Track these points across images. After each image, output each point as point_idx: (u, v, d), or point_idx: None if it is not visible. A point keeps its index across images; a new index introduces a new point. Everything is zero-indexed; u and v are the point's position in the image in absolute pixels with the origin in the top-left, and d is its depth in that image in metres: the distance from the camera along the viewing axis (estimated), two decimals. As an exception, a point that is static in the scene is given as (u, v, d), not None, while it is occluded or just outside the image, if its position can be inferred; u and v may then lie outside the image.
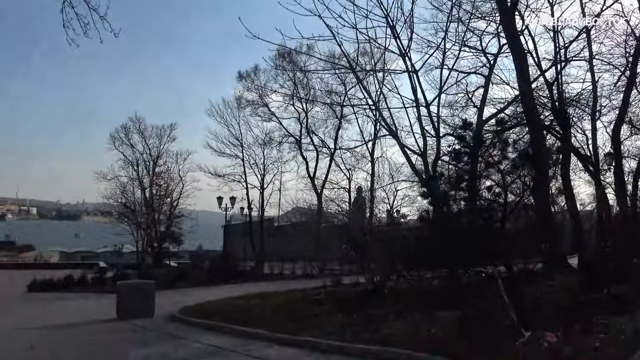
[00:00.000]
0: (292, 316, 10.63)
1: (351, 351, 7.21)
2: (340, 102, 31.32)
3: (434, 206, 8.70)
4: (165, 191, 40.69)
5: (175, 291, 20.33)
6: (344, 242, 20.66)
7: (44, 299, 20.81)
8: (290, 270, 25.80)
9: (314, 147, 37.05)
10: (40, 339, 10.25)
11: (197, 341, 9.10)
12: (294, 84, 35.33)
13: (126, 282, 15.41)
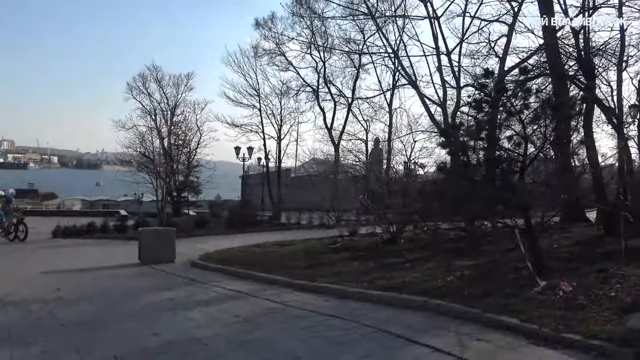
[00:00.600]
0: (310, 263, 10.85)
1: (367, 297, 7.36)
2: (359, 51, 30.77)
3: (452, 156, 8.63)
4: (183, 141, 40.81)
5: (194, 239, 20.77)
6: (361, 193, 20.77)
7: (67, 244, 21.43)
8: (307, 220, 26.06)
9: (331, 98, 36.63)
10: (65, 282, 10.62)
11: (217, 286, 9.35)
12: (312, 32, 34.59)
13: (148, 228, 15.75)
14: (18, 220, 23.67)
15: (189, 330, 6.01)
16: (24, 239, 23.04)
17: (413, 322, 5.97)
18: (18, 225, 23.36)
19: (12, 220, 23.64)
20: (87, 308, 7.69)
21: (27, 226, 23.94)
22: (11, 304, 8.15)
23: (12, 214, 24.22)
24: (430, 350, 4.88)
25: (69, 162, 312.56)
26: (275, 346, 5.25)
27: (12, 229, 23.39)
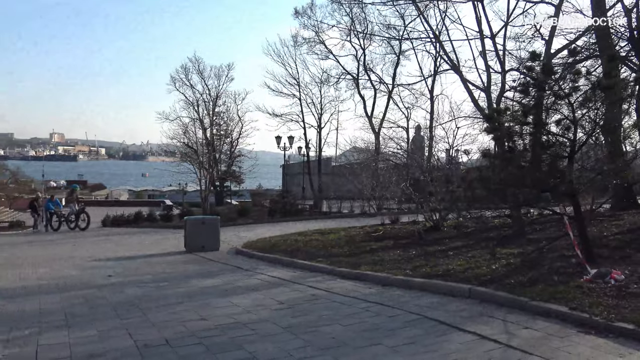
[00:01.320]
0: (352, 251, 10.88)
1: (411, 284, 7.33)
2: (399, 37, 30.40)
3: (497, 142, 8.45)
4: (225, 131, 41.46)
5: (237, 227, 21.13)
6: (403, 181, 20.59)
7: (116, 233, 22.17)
8: (348, 208, 26.08)
9: (371, 85, 36.42)
10: (116, 268, 11.02)
11: (261, 273, 9.50)
12: (351, 20, 34.37)
13: (193, 217, 16.10)
14: (79, 209, 24.52)
15: (235, 315, 6.13)
16: (85, 228, 23.88)
17: (458, 309, 5.92)
18: (79, 215, 24.20)
19: (75, 209, 24.51)
20: (138, 293, 7.94)
21: (88, 215, 24.79)
22: (66, 289, 8.53)
23: (75, 203, 25.13)
24: (476, 338, 4.84)
25: (116, 154, 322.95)
26: (320, 331, 5.30)
27: (73, 218, 24.31)
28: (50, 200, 25.94)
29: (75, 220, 24.27)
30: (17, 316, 6.64)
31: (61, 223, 24.51)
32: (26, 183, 67.66)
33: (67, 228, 24.25)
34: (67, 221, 24.45)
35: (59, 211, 25.08)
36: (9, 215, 38.54)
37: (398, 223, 15.38)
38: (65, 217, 24.62)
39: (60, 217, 24.68)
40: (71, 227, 24.28)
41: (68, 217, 24.52)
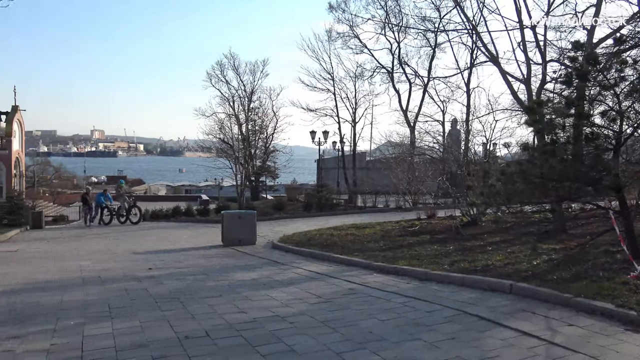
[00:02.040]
0: (388, 246, 10.83)
1: (450, 279, 7.25)
2: (435, 29, 30.02)
3: (538, 135, 8.25)
4: (260, 126, 41.88)
5: (273, 222, 21.30)
6: (439, 175, 20.36)
7: (155, 227, 22.66)
8: (384, 203, 25.97)
9: (406, 79, 36.19)
10: (155, 261, 11.25)
11: (297, 267, 9.55)
12: (386, 13, 34.25)
13: (230, 211, 16.29)
14: (131, 204, 24.88)
15: (273, 309, 6.18)
16: (137, 222, 24.27)
17: (498, 305, 5.82)
18: (131, 209, 24.61)
19: (125, 204, 24.87)
20: (177, 285, 8.09)
21: (140, 210, 25.12)
22: (109, 281, 8.75)
23: (125, 197, 25.40)
24: (518, 334, 4.74)
25: (154, 150, 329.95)
26: (358, 325, 5.29)
27: (124, 212, 24.71)
28: (102, 194, 26.28)
29: (126, 214, 24.64)
30: (63, 307, 6.84)
31: (112, 217, 24.90)
32: (69, 179, 69.79)
33: (118, 222, 24.62)
34: (118, 215, 24.84)
35: (110, 205, 25.49)
36: (53, 209, 39.82)
37: (434, 218, 15.23)
38: (116, 211, 25.03)
39: (112, 211, 25.10)
40: (121, 221, 24.63)
41: (119, 212, 24.89)
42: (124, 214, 24.72)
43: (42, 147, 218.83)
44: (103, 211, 25.15)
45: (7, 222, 26.14)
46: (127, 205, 24.84)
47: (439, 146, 26.87)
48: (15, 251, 14.79)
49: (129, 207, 24.78)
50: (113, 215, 24.92)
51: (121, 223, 24.49)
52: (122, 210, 24.87)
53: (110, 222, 24.71)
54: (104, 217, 25.00)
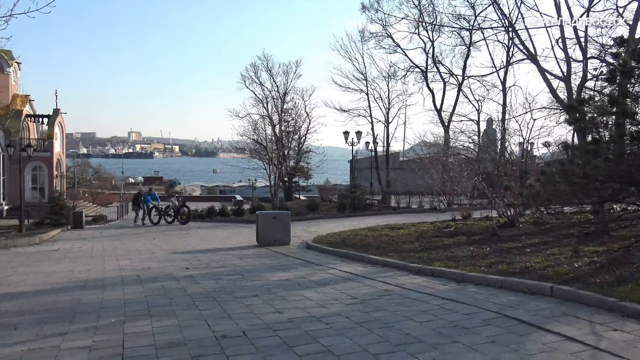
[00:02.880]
0: (423, 247, 10.72)
1: (488, 281, 7.11)
2: (470, 27, 29.59)
3: (579, 133, 8.02)
4: (294, 127, 42.10)
5: (306, 222, 21.37)
6: (474, 176, 20.02)
7: (191, 227, 23.00)
8: (418, 203, 25.77)
9: (440, 78, 35.84)
10: (192, 261, 11.41)
11: (332, 267, 9.54)
12: (419, 11, 33.99)
13: (264, 212, 16.42)
14: (180, 204, 25.04)
15: (309, 309, 6.18)
16: (185, 222, 24.29)
17: (539, 308, 5.67)
18: (180, 209, 24.72)
19: (176, 203, 25.09)
20: (214, 285, 8.18)
21: (189, 210, 25.16)
22: (148, 281, 8.91)
23: (174, 197, 25.72)
24: (561, 338, 4.61)
25: (189, 151, 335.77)
26: (395, 327, 5.24)
27: (172, 212, 24.82)
28: (148, 194, 26.54)
29: (174, 214, 24.70)
30: (103, 305, 7.00)
31: (161, 217, 25.03)
32: (107, 179, 71.57)
33: (165, 222, 24.73)
34: (166, 215, 24.94)
35: (157, 205, 25.69)
36: (92, 209, 40.88)
37: (470, 219, 15.00)
38: (164, 211, 25.16)
39: (160, 210, 25.25)
40: (169, 221, 24.71)
41: (167, 211, 25.01)
42: (172, 213, 24.79)
43: (82, 149, 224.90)
44: (151, 211, 25.34)
45: (50, 221, 27.02)
46: (177, 205, 24.93)
47: (475, 146, 26.44)
48: (57, 250, 15.24)
49: (179, 207, 24.84)
50: (162, 215, 25.03)
51: (168, 223, 24.56)
52: (170, 210, 24.96)
53: (159, 222, 24.84)
54: (153, 217, 25.15)
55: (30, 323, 6.03)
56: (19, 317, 6.38)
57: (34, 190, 38.13)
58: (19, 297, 7.81)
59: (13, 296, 7.91)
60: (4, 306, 7.14)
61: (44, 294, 8.12)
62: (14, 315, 6.52)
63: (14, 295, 7.96)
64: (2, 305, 7.17)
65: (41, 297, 7.85)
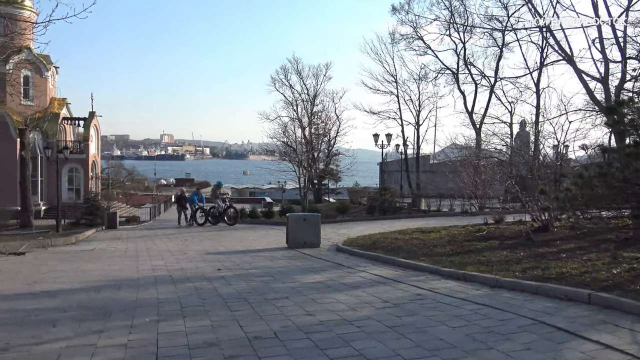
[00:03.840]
0: (455, 250, 10.58)
1: (522, 287, 6.97)
2: (502, 28, 29.15)
3: (619, 136, 7.80)
4: (323, 130, 42.14)
5: (336, 224, 21.35)
6: (507, 179, 19.69)
7: (222, 228, 23.21)
8: (448, 207, 25.48)
9: (472, 80, 35.40)
10: (224, 262, 11.52)
11: (362, 270, 9.50)
12: (450, 13, 33.67)
13: (294, 214, 16.47)
14: (227, 205, 24.88)
15: (340, 312, 6.17)
16: (232, 223, 24.13)
17: (576, 315, 5.53)
18: (226, 211, 24.60)
19: (221, 204, 24.92)
20: (245, 286, 8.24)
21: (237, 211, 25.13)
22: (180, 281, 9.04)
23: (220, 199, 25.36)
24: (600, 347, 4.49)
25: (219, 153, 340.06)
26: (429, 332, 5.19)
27: (217, 213, 24.68)
28: (195, 194, 26.46)
29: (219, 215, 24.59)
30: (138, 304, 7.13)
31: (207, 218, 24.88)
32: (140, 181, 73.01)
33: (209, 223, 24.55)
34: (212, 216, 24.76)
35: (202, 206, 25.59)
36: (125, 210, 41.69)
37: (502, 222, 14.74)
38: (209, 212, 24.98)
39: (206, 211, 25.07)
40: (213, 222, 24.52)
41: (212, 212, 24.86)
42: (217, 214, 24.71)
43: (116, 150, 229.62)
44: (196, 212, 25.27)
45: (85, 221, 27.65)
46: (223, 206, 24.85)
47: (507, 148, 26.02)
48: (92, 250, 15.59)
49: (225, 208, 24.77)
50: (208, 216, 24.89)
51: (213, 224, 24.43)
52: (216, 211, 24.86)
53: (204, 223, 24.71)
54: (198, 218, 25.06)
55: (68, 320, 6.19)
56: (58, 314, 6.54)
57: (70, 191, 39.11)
58: (58, 295, 8.01)
59: (52, 294, 8.12)
60: (43, 303, 7.34)
61: (81, 292, 8.31)
62: (53, 312, 6.69)
63: (53, 293, 8.17)
64: (42, 302, 7.37)
65: (78, 294, 8.04)
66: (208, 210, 25.18)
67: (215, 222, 24.59)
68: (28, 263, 12.23)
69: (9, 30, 26.82)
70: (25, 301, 7.51)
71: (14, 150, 33.42)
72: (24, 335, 5.53)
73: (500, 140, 29.65)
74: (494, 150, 27.32)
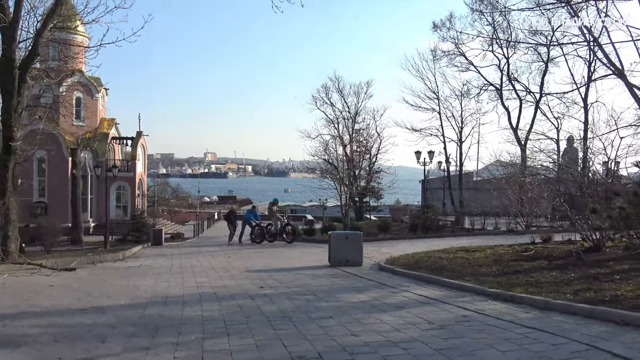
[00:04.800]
0: (501, 271, 10.31)
1: (574, 310, 6.71)
2: (547, 43, 28.58)
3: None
4: (365, 147, 42.09)
5: (377, 243, 21.17)
6: (555, 197, 19.12)
7: (265, 245, 23.36)
8: (493, 225, 24.91)
9: (516, 96, 34.77)
10: (267, 280, 11.57)
11: (406, 290, 9.36)
12: (493, 28, 33.25)
13: (337, 232, 16.45)
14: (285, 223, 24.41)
15: (385, 333, 6.08)
16: (291, 240, 23.70)
17: (634, 341, 5.28)
18: (284, 228, 24.02)
19: (277, 222, 24.42)
20: (288, 305, 8.24)
21: (295, 228, 24.74)
22: (224, 298, 9.13)
23: (277, 216, 24.92)
24: (661, 375, 4.26)
25: (261, 171, 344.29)
26: (477, 355, 5.04)
27: (276, 231, 24.15)
28: (250, 212, 26.11)
29: (277, 233, 24.04)
30: (183, 321, 7.23)
31: (264, 236, 24.19)
32: (184, 198, 74.50)
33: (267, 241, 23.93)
34: (270, 234, 24.13)
35: (259, 223, 24.99)
36: (170, 227, 42.56)
37: (551, 242, 14.29)
38: (267, 230, 24.36)
39: (263, 229, 24.41)
40: (270, 240, 23.92)
41: (270, 230, 24.30)
42: (275, 232, 24.20)
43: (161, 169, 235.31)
44: (254, 229, 24.62)
45: (132, 238, 28.36)
46: (279, 225, 24.36)
47: (554, 165, 25.30)
48: (139, 266, 15.95)
49: (283, 226, 24.29)
50: (265, 234, 24.24)
51: (270, 242, 23.85)
52: (274, 228, 24.33)
53: (261, 241, 24.03)
54: (254, 236, 24.34)
55: (117, 336, 6.33)
56: (107, 330, 6.70)
57: (117, 208, 40.28)
58: (107, 311, 8.22)
59: (101, 309, 8.33)
60: (93, 319, 7.53)
61: (129, 308, 8.50)
62: (103, 328, 6.86)
63: (103, 309, 8.38)
64: (92, 318, 7.57)
65: (127, 311, 8.23)
66: (265, 227, 24.65)
67: (273, 240, 24.00)
68: (78, 279, 12.61)
69: (63, 54, 28.18)
70: (76, 317, 7.73)
71: (66, 169, 34.81)
72: (76, 350, 5.68)
73: (546, 157, 28.86)
74: (541, 167, 26.59)
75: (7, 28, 14.61)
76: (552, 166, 25.38)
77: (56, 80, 23.78)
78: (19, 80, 14.93)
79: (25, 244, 21.26)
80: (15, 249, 15.08)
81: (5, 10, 14.54)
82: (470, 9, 32.01)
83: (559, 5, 16.73)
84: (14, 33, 14.85)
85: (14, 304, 8.71)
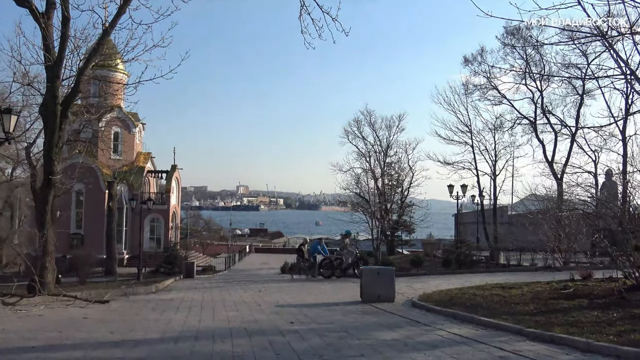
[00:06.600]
0: (539, 309, 9.99)
1: (618, 353, 6.41)
2: (582, 76, 28.21)
3: None
4: (397, 181, 41.85)
5: (410, 278, 20.81)
6: (594, 232, 18.55)
7: (296, 280, 23.23)
8: (529, 261, 24.25)
9: (551, 129, 34.22)
10: (297, 315, 11.47)
11: (440, 329, 9.13)
12: (526, 62, 33.03)
13: (368, 267, 16.26)
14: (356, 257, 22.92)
15: (418, 373, 5.92)
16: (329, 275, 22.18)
17: (684, 388, 5.00)
18: (357, 262, 22.23)
19: (348, 257, 22.84)
20: (319, 342, 8.12)
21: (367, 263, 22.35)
22: (255, 333, 9.07)
23: (349, 249, 23.25)
24: None
25: (292, 204, 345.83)
26: (514, 400, 4.85)
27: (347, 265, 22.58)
28: (318, 243, 25.06)
29: (349, 267, 22.50)
30: (214, 357, 7.19)
31: (333, 270, 22.49)
32: (216, 231, 75.03)
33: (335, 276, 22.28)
34: (341, 268, 22.53)
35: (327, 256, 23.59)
36: (202, 260, 42.85)
37: (591, 279, 13.78)
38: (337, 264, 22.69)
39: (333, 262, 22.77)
40: (337, 275, 22.26)
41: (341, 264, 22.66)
42: (346, 267, 22.61)
43: (194, 201, 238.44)
44: (321, 262, 23.00)
45: (164, 270, 28.66)
46: (351, 259, 22.63)
47: (593, 200, 24.64)
48: (171, 299, 16.02)
49: (355, 260, 22.49)
50: (334, 268, 22.53)
51: (337, 277, 22.08)
52: (345, 263, 22.67)
53: (330, 276, 22.24)
54: (323, 270, 22.64)
55: (148, 371, 6.32)
56: (138, 365, 6.71)
57: (151, 240, 40.88)
58: (139, 344, 8.25)
59: (134, 343, 8.36)
60: (125, 353, 7.56)
61: (161, 342, 8.51)
62: (134, 363, 6.87)
63: (135, 342, 8.41)
64: (124, 352, 7.60)
65: (158, 345, 8.25)
66: (333, 261, 23.05)
67: (341, 275, 22.16)
68: (112, 311, 12.73)
69: (103, 91, 29.28)
70: (109, 350, 7.77)
71: (103, 201, 35.66)
72: (107, 384, 5.69)
73: (584, 191, 28.12)
74: (578, 201, 25.93)
75: (51, 67, 15.27)
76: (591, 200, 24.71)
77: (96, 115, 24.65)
78: (61, 116, 15.50)
79: (62, 275, 21.75)
80: (51, 280, 15.37)
81: (50, 50, 15.22)
82: (502, 43, 31.98)
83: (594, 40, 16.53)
84: (58, 71, 15.51)
85: (49, 336, 8.84)
